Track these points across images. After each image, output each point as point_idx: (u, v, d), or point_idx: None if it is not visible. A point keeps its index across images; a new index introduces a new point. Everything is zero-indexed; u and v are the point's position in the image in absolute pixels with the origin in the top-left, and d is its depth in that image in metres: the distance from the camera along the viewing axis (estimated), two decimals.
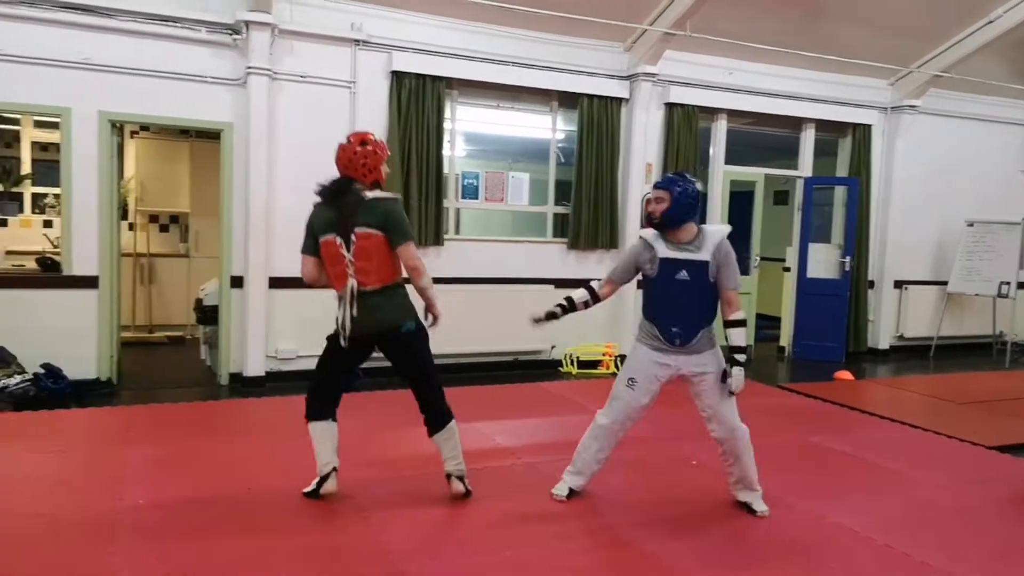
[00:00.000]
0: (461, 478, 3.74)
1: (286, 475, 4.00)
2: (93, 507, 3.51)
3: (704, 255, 3.54)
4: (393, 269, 3.56)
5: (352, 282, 3.50)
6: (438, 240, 6.78)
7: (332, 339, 3.69)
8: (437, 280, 3.77)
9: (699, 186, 3.63)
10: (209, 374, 6.66)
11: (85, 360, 5.88)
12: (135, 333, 8.01)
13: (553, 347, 7.32)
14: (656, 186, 3.67)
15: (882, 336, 8.91)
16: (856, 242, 8.50)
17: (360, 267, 3.50)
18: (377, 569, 3.03)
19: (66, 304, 5.83)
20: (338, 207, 3.51)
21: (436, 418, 3.68)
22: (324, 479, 3.67)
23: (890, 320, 8.96)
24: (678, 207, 3.52)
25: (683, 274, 3.54)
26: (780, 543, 3.39)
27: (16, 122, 8.06)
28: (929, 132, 8.84)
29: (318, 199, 3.59)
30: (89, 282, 5.87)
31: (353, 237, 3.48)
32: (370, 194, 3.52)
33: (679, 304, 3.56)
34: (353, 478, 3.97)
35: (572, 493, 3.83)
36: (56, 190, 5.86)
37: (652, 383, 3.64)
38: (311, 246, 3.61)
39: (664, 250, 3.57)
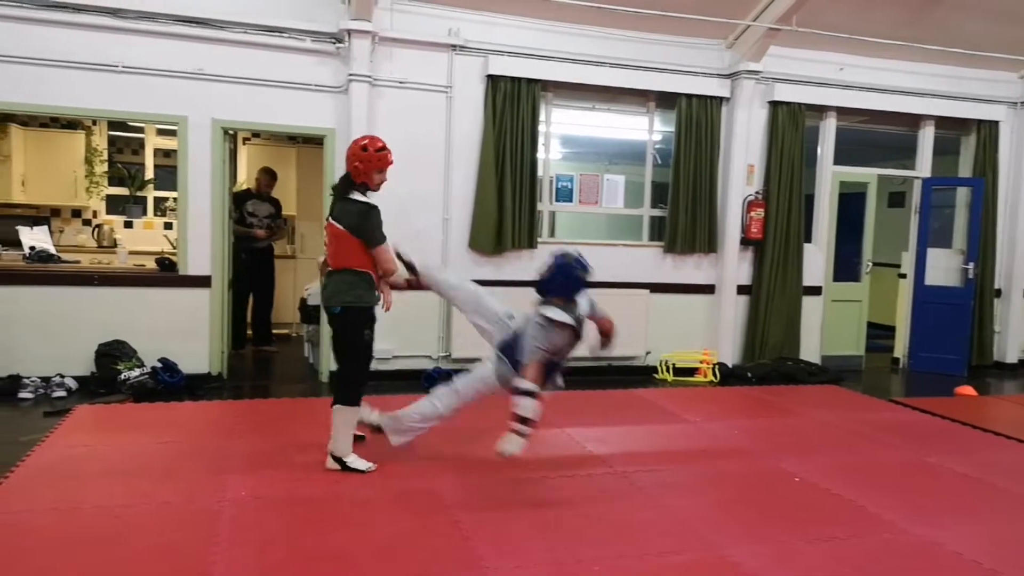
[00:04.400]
0: (333, 456, 4.11)
1: (376, 471, 4.07)
2: (198, 498, 3.68)
3: None
4: (348, 257, 3.96)
5: (325, 260, 4.12)
6: (531, 243, 6.74)
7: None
8: (531, 283, 3.92)
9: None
10: (312, 371, 6.90)
11: (198, 355, 6.21)
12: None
13: (648, 352, 7.17)
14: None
15: (1010, 349, 8.24)
16: (981, 247, 7.90)
17: (329, 251, 4.06)
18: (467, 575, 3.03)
19: (182, 302, 6.17)
20: (335, 196, 4.07)
21: (337, 393, 4.13)
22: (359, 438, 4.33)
23: (1019, 332, 8.27)
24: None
25: None
26: (891, 571, 3.16)
27: (141, 130, 8.65)
28: None
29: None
30: (202, 281, 6.20)
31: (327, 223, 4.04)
32: (353, 195, 3.97)
33: None
34: (447, 479, 4.02)
35: None
36: (175, 194, 6.25)
37: None
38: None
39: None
